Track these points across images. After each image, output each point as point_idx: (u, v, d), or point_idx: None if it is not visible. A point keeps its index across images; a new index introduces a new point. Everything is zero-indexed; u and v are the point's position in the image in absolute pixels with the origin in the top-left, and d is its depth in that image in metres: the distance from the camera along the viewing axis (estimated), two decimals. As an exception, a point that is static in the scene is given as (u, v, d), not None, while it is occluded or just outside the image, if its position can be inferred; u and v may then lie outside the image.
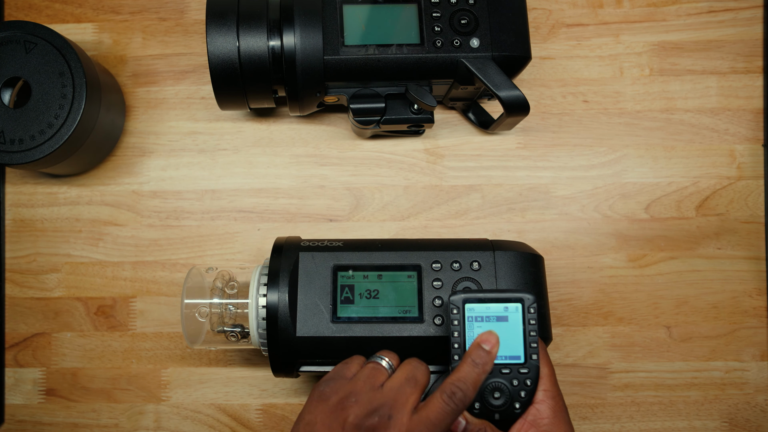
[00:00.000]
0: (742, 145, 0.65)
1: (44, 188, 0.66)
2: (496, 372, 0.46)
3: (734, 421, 0.63)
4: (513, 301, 0.47)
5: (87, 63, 0.59)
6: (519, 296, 0.47)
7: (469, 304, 0.47)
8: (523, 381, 0.46)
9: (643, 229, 0.65)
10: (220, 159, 0.66)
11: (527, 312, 0.47)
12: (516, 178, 0.65)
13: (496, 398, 0.45)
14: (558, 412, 0.46)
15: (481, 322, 0.47)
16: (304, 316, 0.52)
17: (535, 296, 0.47)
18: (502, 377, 0.46)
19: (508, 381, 0.46)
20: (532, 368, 0.46)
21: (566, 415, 0.47)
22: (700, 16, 0.67)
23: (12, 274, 0.66)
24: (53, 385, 0.65)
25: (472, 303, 0.47)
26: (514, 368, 0.46)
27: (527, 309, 0.47)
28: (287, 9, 0.56)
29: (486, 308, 0.47)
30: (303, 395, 0.64)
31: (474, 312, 0.47)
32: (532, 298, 0.47)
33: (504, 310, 0.47)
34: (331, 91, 0.59)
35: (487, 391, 0.46)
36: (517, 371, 0.46)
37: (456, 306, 0.47)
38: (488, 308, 0.47)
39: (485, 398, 0.46)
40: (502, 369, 0.46)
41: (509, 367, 0.46)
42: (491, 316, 0.47)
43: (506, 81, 0.56)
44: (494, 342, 0.45)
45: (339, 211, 0.65)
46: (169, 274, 0.65)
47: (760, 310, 0.64)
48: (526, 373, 0.46)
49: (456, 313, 0.47)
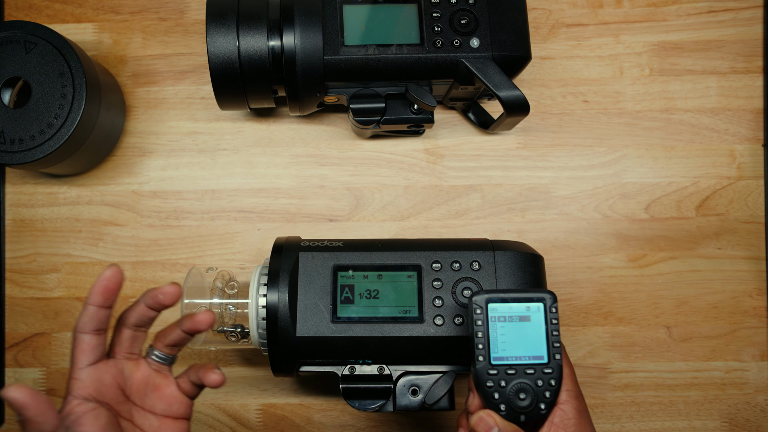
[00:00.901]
0: (742, 145, 0.65)
1: (44, 188, 0.66)
2: (520, 373, 0.45)
3: (734, 421, 0.63)
4: (535, 301, 0.47)
5: (87, 63, 0.59)
6: (541, 296, 0.47)
7: (492, 304, 0.46)
8: (548, 381, 0.45)
9: (643, 229, 0.65)
10: (220, 159, 0.66)
11: (549, 311, 0.46)
12: (516, 178, 0.65)
13: (521, 399, 0.45)
14: (582, 412, 0.46)
15: (504, 322, 0.46)
16: (304, 316, 0.52)
17: (555, 295, 0.47)
18: (527, 378, 0.45)
19: (532, 381, 0.45)
20: (556, 368, 0.46)
21: (588, 415, 0.47)
22: (700, 16, 0.67)
23: (12, 274, 0.66)
24: (53, 385, 0.65)
25: (495, 303, 0.46)
26: (538, 368, 0.46)
27: (549, 308, 0.46)
28: (287, 9, 0.56)
29: (508, 308, 0.46)
30: (303, 395, 0.64)
31: (497, 312, 0.46)
32: (553, 297, 0.47)
33: (526, 310, 0.46)
34: (331, 91, 0.59)
35: (513, 392, 0.45)
36: (542, 371, 0.46)
37: (479, 306, 0.46)
38: (510, 308, 0.46)
39: (511, 400, 0.45)
40: (526, 369, 0.46)
41: (533, 367, 0.46)
42: (514, 316, 0.46)
43: (506, 81, 0.56)
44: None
45: (339, 211, 0.65)
46: (169, 274, 0.65)
47: (760, 310, 0.64)
48: (550, 373, 0.46)
49: (479, 313, 0.46)
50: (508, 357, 0.46)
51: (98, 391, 0.44)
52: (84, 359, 0.44)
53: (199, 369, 0.47)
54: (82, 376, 0.43)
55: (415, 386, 0.53)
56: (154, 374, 0.47)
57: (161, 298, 0.45)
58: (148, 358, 0.48)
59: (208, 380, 0.46)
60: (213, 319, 0.47)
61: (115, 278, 0.44)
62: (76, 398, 0.43)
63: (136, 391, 0.46)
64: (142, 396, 0.47)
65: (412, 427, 0.64)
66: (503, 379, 0.45)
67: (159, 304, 0.45)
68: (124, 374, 0.46)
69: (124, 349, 0.46)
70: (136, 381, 0.46)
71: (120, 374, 0.46)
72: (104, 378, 0.44)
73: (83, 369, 0.44)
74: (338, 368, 0.53)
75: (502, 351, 0.46)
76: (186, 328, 0.47)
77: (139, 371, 0.47)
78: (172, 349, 0.48)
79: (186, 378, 0.48)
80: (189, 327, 0.47)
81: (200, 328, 0.46)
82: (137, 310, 0.46)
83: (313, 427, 0.64)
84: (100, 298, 0.43)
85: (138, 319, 0.46)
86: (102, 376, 0.44)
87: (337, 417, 0.64)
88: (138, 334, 0.47)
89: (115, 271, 0.44)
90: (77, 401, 0.43)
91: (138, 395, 0.46)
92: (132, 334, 0.47)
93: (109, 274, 0.44)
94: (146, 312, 0.46)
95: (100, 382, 0.44)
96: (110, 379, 0.45)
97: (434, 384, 0.53)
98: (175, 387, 0.47)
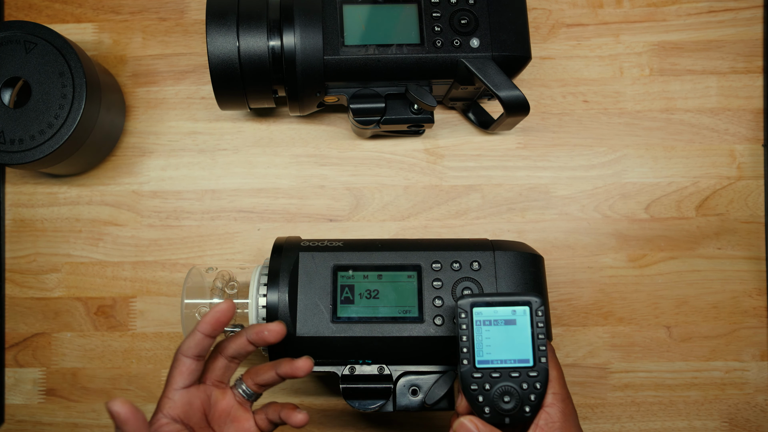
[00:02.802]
0: (742, 145, 0.65)
1: (44, 188, 0.66)
2: (505, 376, 0.46)
3: (734, 421, 0.63)
4: (520, 304, 0.47)
5: (87, 63, 0.59)
6: (526, 299, 0.47)
7: (477, 308, 0.47)
8: (533, 384, 0.46)
9: (643, 229, 0.65)
10: (220, 159, 0.66)
11: (535, 315, 0.46)
12: (516, 178, 0.65)
13: (506, 402, 0.45)
14: (568, 415, 0.46)
15: (489, 326, 0.46)
16: (304, 316, 0.52)
17: (542, 299, 0.47)
18: (512, 381, 0.46)
19: (517, 385, 0.45)
20: (542, 371, 0.46)
21: (576, 417, 0.47)
22: (700, 16, 0.67)
23: (12, 274, 0.66)
24: (53, 385, 0.65)
25: (480, 307, 0.47)
26: (523, 372, 0.46)
27: (535, 312, 0.46)
28: (287, 9, 0.56)
29: (494, 312, 0.47)
30: (303, 395, 0.64)
31: (482, 316, 0.47)
32: (540, 300, 0.47)
33: (512, 314, 0.47)
34: (331, 91, 0.59)
35: (497, 395, 0.45)
36: (527, 374, 0.46)
37: (464, 310, 0.47)
38: (496, 312, 0.47)
39: (495, 403, 0.45)
40: (511, 373, 0.46)
41: (518, 370, 0.46)
42: (499, 320, 0.47)
43: (506, 81, 0.56)
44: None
45: (339, 211, 0.65)
46: (169, 274, 0.65)
47: (760, 310, 0.64)
48: (535, 376, 0.46)
49: (464, 317, 0.46)
50: (493, 360, 0.46)
51: (186, 414, 0.46)
52: (180, 381, 0.46)
53: (281, 409, 0.48)
54: (175, 397, 0.46)
55: (415, 386, 0.53)
56: (237, 406, 0.49)
57: (266, 335, 0.47)
58: (234, 389, 0.49)
59: (293, 420, 0.48)
60: (311, 367, 0.47)
61: (229, 312, 0.46)
62: (165, 417, 0.45)
63: (218, 419, 0.48)
64: (222, 425, 0.48)
65: (412, 427, 0.64)
66: (488, 382, 0.46)
67: (262, 341, 0.47)
68: (210, 401, 0.48)
69: (216, 377, 0.48)
70: (219, 409, 0.48)
71: (207, 400, 0.47)
72: (194, 402, 0.46)
73: (177, 390, 0.46)
74: (338, 368, 0.53)
75: (487, 354, 0.46)
76: (282, 373, 0.48)
77: (224, 401, 0.48)
78: (260, 388, 0.49)
79: (264, 415, 0.49)
80: (286, 372, 0.48)
81: (298, 375, 0.47)
82: (237, 343, 0.48)
83: (313, 427, 0.64)
84: (210, 328, 0.46)
85: (236, 351, 0.48)
86: (192, 400, 0.46)
87: (337, 417, 0.64)
88: (231, 364, 0.49)
89: (230, 306, 0.46)
90: (166, 420, 0.45)
91: (218, 423, 0.48)
92: (226, 364, 0.48)
93: (224, 308, 0.46)
94: (246, 346, 0.48)
95: (189, 405, 0.46)
96: (198, 404, 0.47)
97: (434, 384, 0.53)
98: (252, 422, 0.49)
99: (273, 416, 0.49)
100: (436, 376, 0.53)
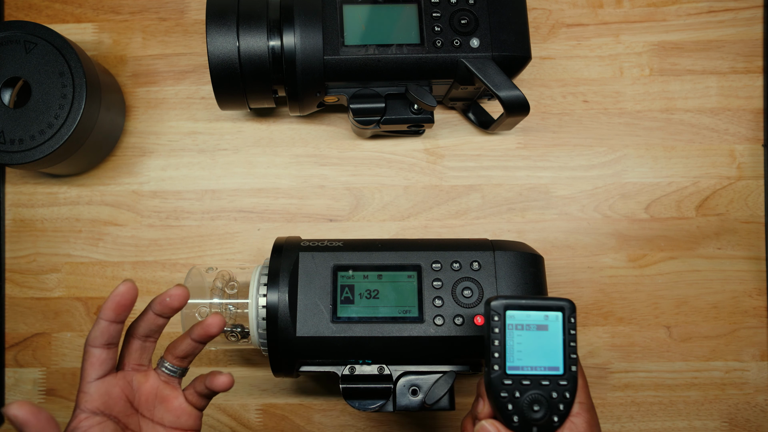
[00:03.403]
0: (742, 145, 0.65)
1: (44, 188, 0.66)
2: (535, 384, 0.44)
3: (734, 421, 0.63)
4: (554, 309, 0.45)
5: (87, 63, 0.59)
6: (560, 304, 0.45)
7: (510, 311, 0.45)
8: (563, 393, 0.44)
9: (643, 229, 0.65)
10: (220, 159, 0.66)
11: (567, 321, 0.45)
12: (516, 178, 0.65)
13: (535, 411, 0.44)
14: (593, 426, 0.45)
15: (521, 330, 0.45)
16: (304, 316, 0.52)
17: (574, 305, 0.45)
18: (542, 389, 0.44)
19: (547, 393, 0.44)
20: (571, 380, 0.44)
21: (599, 428, 0.46)
22: (700, 16, 0.67)
23: (12, 274, 0.66)
24: (53, 385, 0.65)
25: (513, 310, 0.45)
26: (554, 380, 0.44)
27: (568, 318, 0.45)
28: (287, 9, 0.56)
29: (526, 316, 0.45)
30: (303, 395, 0.64)
31: (514, 320, 0.45)
32: (572, 306, 0.45)
33: (544, 319, 0.45)
34: (331, 91, 0.59)
35: (527, 403, 0.44)
36: (557, 383, 0.44)
37: (497, 312, 0.45)
38: (528, 316, 0.45)
39: (524, 412, 0.44)
40: (541, 381, 0.44)
41: (549, 378, 0.44)
42: (531, 325, 0.45)
43: (506, 81, 0.56)
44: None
45: (339, 211, 0.65)
46: (169, 274, 0.65)
47: (760, 310, 0.64)
48: (565, 385, 0.44)
49: (497, 320, 0.44)
50: (523, 367, 0.44)
51: (106, 405, 0.44)
52: (93, 373, 0.44)
53: (205, 377, 0.47)
54: (90, 390, 0.44)
55: (415, 386, 0.53)
56: (163, 386, 0.47)
57: (168, 301, 0.45)
58: (158, 370, 0.48)
59: (216, 384, 0.46)
60: (223, 322, 0.46)
61: (129, 294, 0.44)
62: (84, 412, 0.43)
63: (145, 403, 0.47)
64: (151, 408, 0.47)
65: (412, 427, 0.64)
66: (518, 389, 0.44)
67: (167, 308, 0.45)
68: (132, 386, 0.46)
69: (133, 361, 0.47)
70: (144, 393, 0.47)
71: (128, 386, 0.46)
72: (112, 391, 0.45)
73: (92, 383, 0.44)
74: (338, 368, 0.53)
75: (518, 360, 0.44)
76: (196, 336, 0.47)
77: (148, 383, 0.47)
78: (182, 361, 0.48)
79: (193, 389, 0.48)
80: (199, 334, 0.47)
81: (211, 332, 0.46)
82: (146, 319, 0.46)
83: (313, 427, 0.64)
84: (112, 314, 0.44)
85: (147, 329, 0.46)
86: (110, 390, 0.45)
87: (337, 417, 0.64)
88: (147, 344, 0.47)
89: (129, 287, 0.44)
90: (85, 415, 0.43)
91: (146, 407, 0.47)
92: (141, 345, 0.47)
93: (122, 290, 0.44)
94: (155, 320, 0.46)
95: (108, 395, 0.44)
96: (118, 392, 0.45)
97: (434, 384, 0.53)
98: (183, 399, 0.48)
99: (200, 388, 0.47)
100: (436, 376, 0.53)
